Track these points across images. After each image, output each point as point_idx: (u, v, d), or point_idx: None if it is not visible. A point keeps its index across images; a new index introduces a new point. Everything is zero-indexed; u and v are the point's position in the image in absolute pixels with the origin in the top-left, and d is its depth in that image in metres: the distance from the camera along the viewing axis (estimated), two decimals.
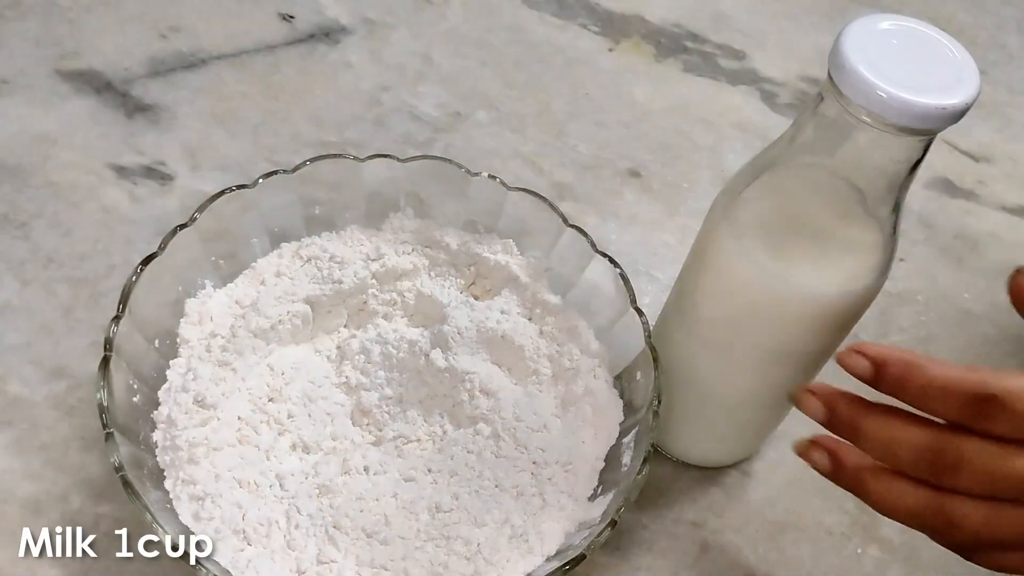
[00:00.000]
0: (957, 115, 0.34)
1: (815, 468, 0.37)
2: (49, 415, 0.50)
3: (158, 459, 0.44)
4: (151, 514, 0.39)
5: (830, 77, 0.35)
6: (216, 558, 0.40)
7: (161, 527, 0.39)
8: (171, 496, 0.42)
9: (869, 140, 0.35)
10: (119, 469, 0.39)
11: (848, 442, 0.35)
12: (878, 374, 0.34)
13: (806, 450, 0.36)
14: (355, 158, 0.52)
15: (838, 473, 0.36)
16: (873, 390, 0.34)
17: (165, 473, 0.43)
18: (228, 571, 0.40)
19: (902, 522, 0.35)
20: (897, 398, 0.34)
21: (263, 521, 0.42)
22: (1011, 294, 0.36)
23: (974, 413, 0.32)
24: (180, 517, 0.42)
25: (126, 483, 0.39)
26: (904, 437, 0.34)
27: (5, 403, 0.50)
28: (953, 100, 0.33)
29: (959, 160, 0.73)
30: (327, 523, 0.43)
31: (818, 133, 0.37)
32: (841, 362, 0.34)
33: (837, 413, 0.35)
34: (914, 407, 0.34)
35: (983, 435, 0.32)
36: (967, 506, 0.33)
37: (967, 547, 0.35)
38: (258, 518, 0.42)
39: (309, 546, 0.42)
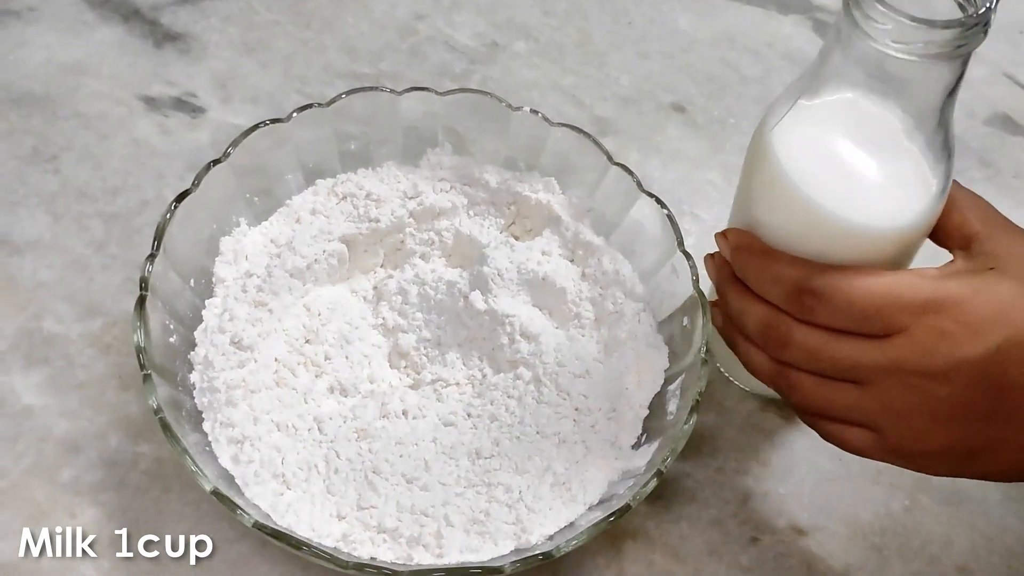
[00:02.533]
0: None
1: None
2: (85, 353, 0.49)
3: (196, 401, 0.43)
4: (190, 457, 0.38)
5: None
6: (256, 502, 0.40)
7: (200, 470, 0.38)
8: (210, 438, 0.42)
9: (894, 68, 0.35)
10: (158, 411, 0.39)
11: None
12: (732, 257, 0.42)
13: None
14: (391, 91, 0.50)
15: (722, 330, 0.44)
16: None
17: (203, 415, 0.43)
18: (268, 515, 0.40)
19: (763, 382, 0.43)
20: (744, 281, 0.41)
21: (302, 465, 0.42)
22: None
23: (797, 303, 0.38)
24: (219, 460, 0.41)
25: (165, 425, 0.39)
26: (750, 310, 0.41)
27: (41, 340, 0.49)
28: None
29: (1020, 96, 0.69)
30: (366, 468, 0.42)
31: (844, 62, 0.37)
32: (715, 239, 0.43)
33: (715, 277, 0.44)
34: (755, 291, 0.40)
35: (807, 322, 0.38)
36: (801, 376, 0.40)
37: (806, 411, 0.42)
38: (297, 462, 0.42)
39: (349, 491, 0.42)
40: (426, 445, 0.44)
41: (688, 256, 0.46)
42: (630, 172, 0.49)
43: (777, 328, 0.39)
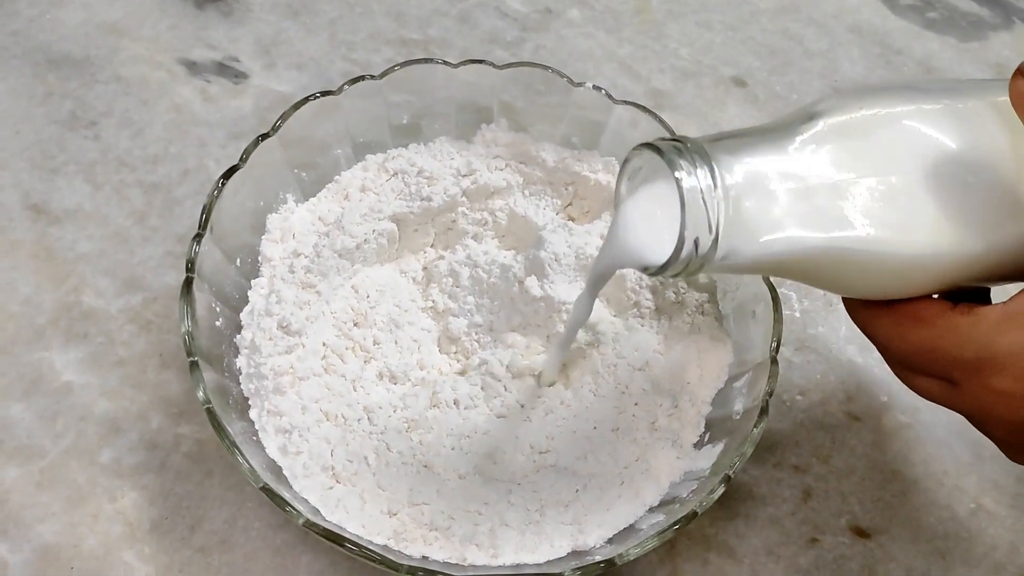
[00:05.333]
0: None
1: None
2: (125, 329, 0.48)
3: (242, 387, 0.41)
4: (240, 451, 0.37)
5: None
6: (305, 496, 0.39)
7: (247, 461, 0.37)
8: (256, 427, 0.40)
9: None
10: (206, 402, 0.37)
11: None
12: None
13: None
14: (446, 63, 0.48)
15: None
16: None
17: (250, 402, 0.41)
18: (317, 509, 0.38)
19: None
20: None
21: (352, 457, 0.40)
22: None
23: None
24: (267, 450, 0.40)
25: (212, 416, 0.37)
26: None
27: (80, 315, 0.48)
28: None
29: None
30: (418, 461, 0.41)
31: None
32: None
33: None
34: None
35: None
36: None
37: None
38: (347, 454, 0.40)
39: (400, 486, 0.40)
40: (479, 438, 0.42)
41: None
42: None
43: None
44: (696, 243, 0.30)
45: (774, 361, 0.41)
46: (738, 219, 0.30)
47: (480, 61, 0.48)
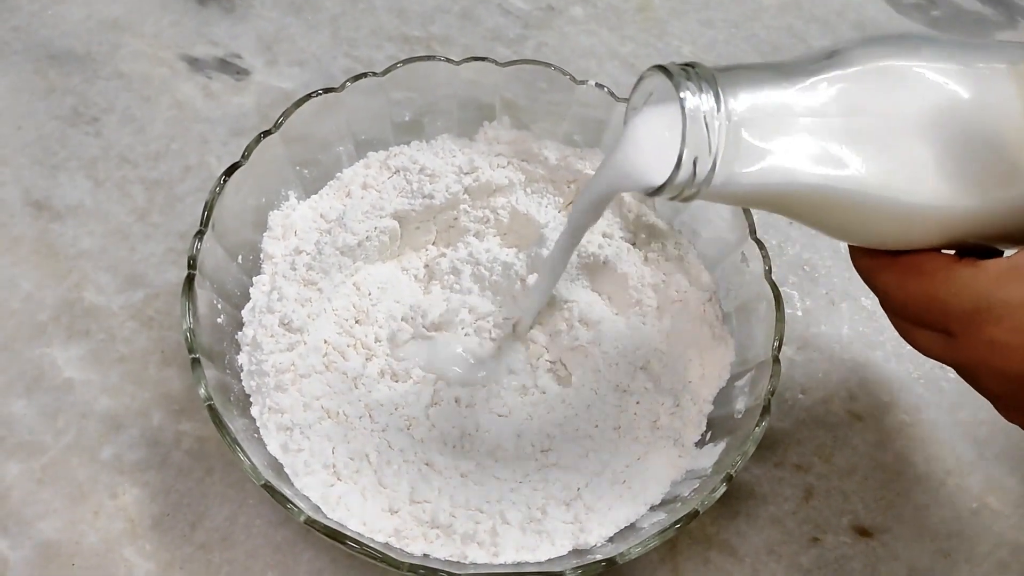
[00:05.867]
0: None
1: None
2: (127, 326, 0.48)
3: (243, 384, 0.41)
4: (241, 448, 0.37)
5: None
6: (307, 493, 0.38)
7: (249, 459, 0.37)
8: (258, 424, 0.40)
9: None
10: (207, 399, 0.37)
11: None
12: None
13: None
14: (449, 60, 0.48)
15: None
16: None
17: (251, 399, 0.41)
18: (319, 507, 0.38)
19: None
20: None
21: (353, 455, 0.40)
22: None
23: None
24: (268, 447, 0.40)
25: (214, 414, 0.37)
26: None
27: (82, 312, 0.48)
28: None
29: None
30: (419, 460, 0.41)
31: None
32: None
33: None
34: None
35: None
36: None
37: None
38: (348, 452, 0.40)
39: (401, 484, 0.40)
40: (480, 436, 0.42)
41: (761, 244, 0.44)
42: None
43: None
44: (695, 164, 0.30)
45: (776, 360, 0.41)
46: (739, 146, 0.31)
47: (482, 58, 0.48)
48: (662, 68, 0.31)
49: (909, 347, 0.36)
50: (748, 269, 0.44)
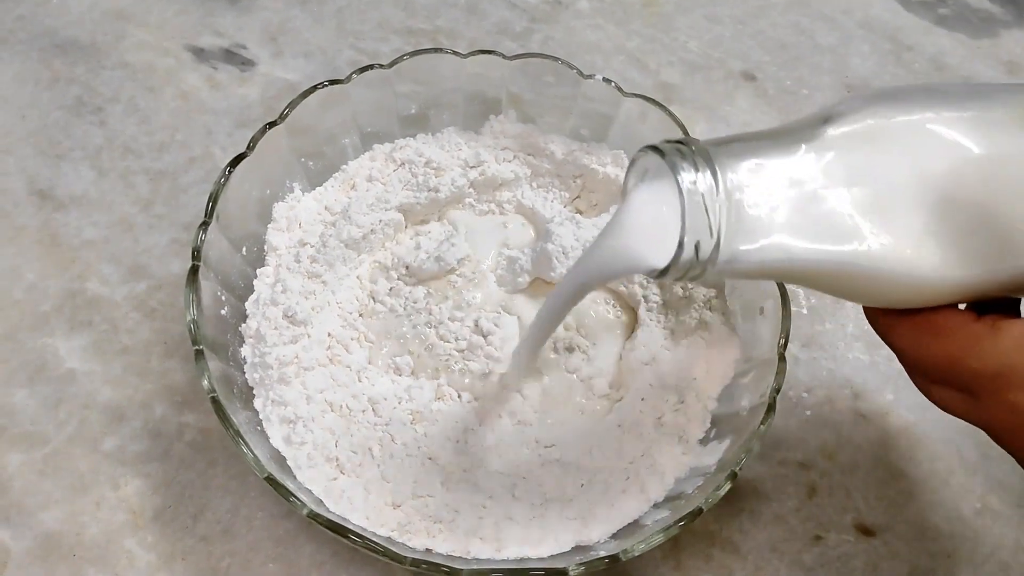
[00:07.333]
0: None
1: None
2: (130, 317, 0.48)
3: (247, 376, 0.41)
4: (244, 441, 0.36)
5: None
6: (309, 486, 0.38)
7: (252, 451, 0.37)
8: (261, 417, 0.40)
9: None
10: (211, 392, 0.37)
11: None
12: None
13: None
14: (455, 54, 0.48)
15: None
16: None
17: (254, 391, 0.41)
18: (321, 500, 0.38)
19: None
20: None
21: (356, 448, 0.40)
22: None
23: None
24: (271, 440, 0.40)
25: (218, 407, 0.37)
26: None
27: (85, 302, 0.48)
28: None
29: None
30: (422, 454, 0.41)
31: None
32: None
33: None
34: None
35: None
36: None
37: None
38: (351, 445, 0.40)
39: (404, 478, 0.40)
40: (484, 431, 0.42)
41: None
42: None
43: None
44: (697, 247, 0.29)
45: (782, 358, 0.41)
46: (741, 224, 0.29)
47: (489, 52, 0.48)
48: (655, 148, 0.30)
49: None
50: None
